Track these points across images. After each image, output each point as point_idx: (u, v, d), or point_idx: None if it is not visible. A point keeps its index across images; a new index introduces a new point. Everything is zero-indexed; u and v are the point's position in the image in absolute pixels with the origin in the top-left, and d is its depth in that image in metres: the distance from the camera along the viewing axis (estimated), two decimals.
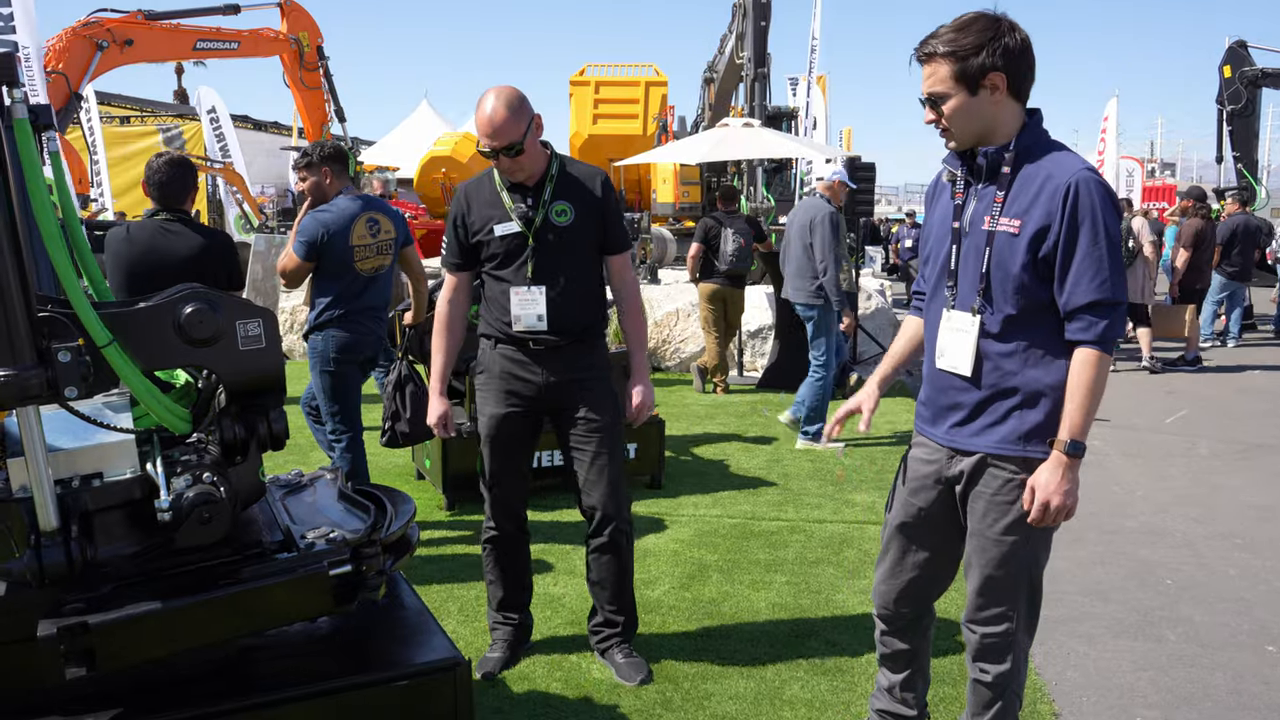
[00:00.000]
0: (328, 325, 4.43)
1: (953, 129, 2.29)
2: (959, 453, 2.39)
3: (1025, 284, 2.23)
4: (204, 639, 2.15)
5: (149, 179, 4.21)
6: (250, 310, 2.21)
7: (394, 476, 5.81)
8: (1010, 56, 2.20)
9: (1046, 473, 2.24)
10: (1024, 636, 2.44)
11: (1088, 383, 2.22)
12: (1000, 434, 2.31)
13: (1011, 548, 2.33)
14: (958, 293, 2.35)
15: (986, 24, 2.21)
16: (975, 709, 2.50)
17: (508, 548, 3.40)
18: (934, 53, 2.24)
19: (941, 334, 2.38)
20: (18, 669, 2.08)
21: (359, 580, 2.32)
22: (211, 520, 2.10)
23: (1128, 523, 5.10)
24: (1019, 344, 2.28)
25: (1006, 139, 2.27)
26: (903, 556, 2.58)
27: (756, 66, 12.33)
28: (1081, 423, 2.23)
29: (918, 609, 2.63)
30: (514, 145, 3.04)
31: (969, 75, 2.21)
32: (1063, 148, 2.28)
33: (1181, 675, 3.41)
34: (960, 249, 2.34)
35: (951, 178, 2.40)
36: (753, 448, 6.68)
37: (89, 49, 11.74)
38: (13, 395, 1.89)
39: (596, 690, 3.22)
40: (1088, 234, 2.17)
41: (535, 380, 3.19)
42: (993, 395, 2.31)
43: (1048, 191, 2.20)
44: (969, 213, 2.33)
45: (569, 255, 3.16)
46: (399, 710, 2.37)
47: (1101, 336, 2.21)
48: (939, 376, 2.41)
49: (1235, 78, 17.06)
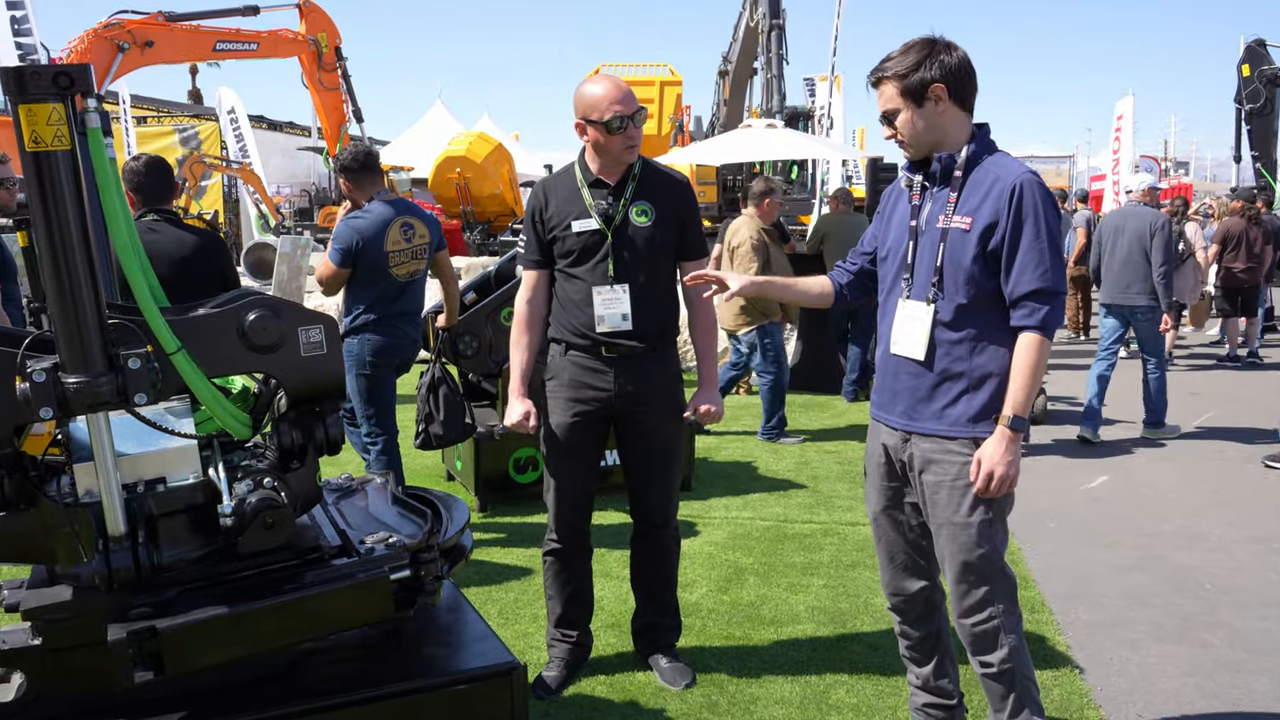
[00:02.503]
0: (363, 329, 4.44)
1: (907, 140, 2.53)
2: (913, 434, 2.57)
3: (975, 275, 2.45)
4: (268, 644, 2.16)
5: (129, 182, 4.10)
6: (312, 316, 2.22)
7: (424, 478, 5.82)
8: (946, 69, 2.45)
9: (991, 445, 2.44)
10: (1010, 619, 2.53)
11: (1030, 364, 2.43)
12: (952, 416, 2.51)
13: (979, 528, 2.48)
14: (913, 284, 2.56)
15: (924, 45, 2.49)
16: (995, 705, 2.59)
17: (568, 562, 3.29)
18: (882, 76, 2.51)
19: (897, 323, 2.59)
20: (83, 672, 2.09)
21: (418, 585, 2.33)
22: (274, 525, 2.11)
23: (1163, 526, 5.08)
24: (968, 332, 2.49)
25: (957, 146, 2.52)
26: (893, 540, 2.74)
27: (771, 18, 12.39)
28: (1024, 400, 2.43)
29: (925, 588, 2.74)
30: (643, 109, 3.07)
31: (913, 90, 2.47)
32: (1007, 155, 2.54)
33: (1226, 681, 3.39)
34: (917, 245, 2.57)
35: (909, 184, 2.63)
36: (780, 449, 6.68)
37: (110, 50, 11.82)
38: (84, 402, 1.90)
39: (642, 694, 3.22)
40: (1031, 229, 2.40)
41: (606, 390, 3.11)
42: (943, 379, 2.52)
43: (995, 192, 2.44)
44: (925, 213, 2.56)
45: (647, 256, 3.10)
46: (455, 715, 2.37)
47: (1043, 322, 2.42)
48: (893, 362, 2.62)
49: (1254, 76, 16.93)
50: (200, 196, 18.73)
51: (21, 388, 1.87)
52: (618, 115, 2.99)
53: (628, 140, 3.04)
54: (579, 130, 3.08)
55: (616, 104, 2.99)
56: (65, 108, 1.81)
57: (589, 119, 3.02)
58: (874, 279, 2.80)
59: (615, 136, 3.01)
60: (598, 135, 3.03)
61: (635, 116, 3.03)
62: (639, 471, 3.24)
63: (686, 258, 3.22)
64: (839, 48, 12.71)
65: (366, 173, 4.60)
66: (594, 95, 3.01)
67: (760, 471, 6.09)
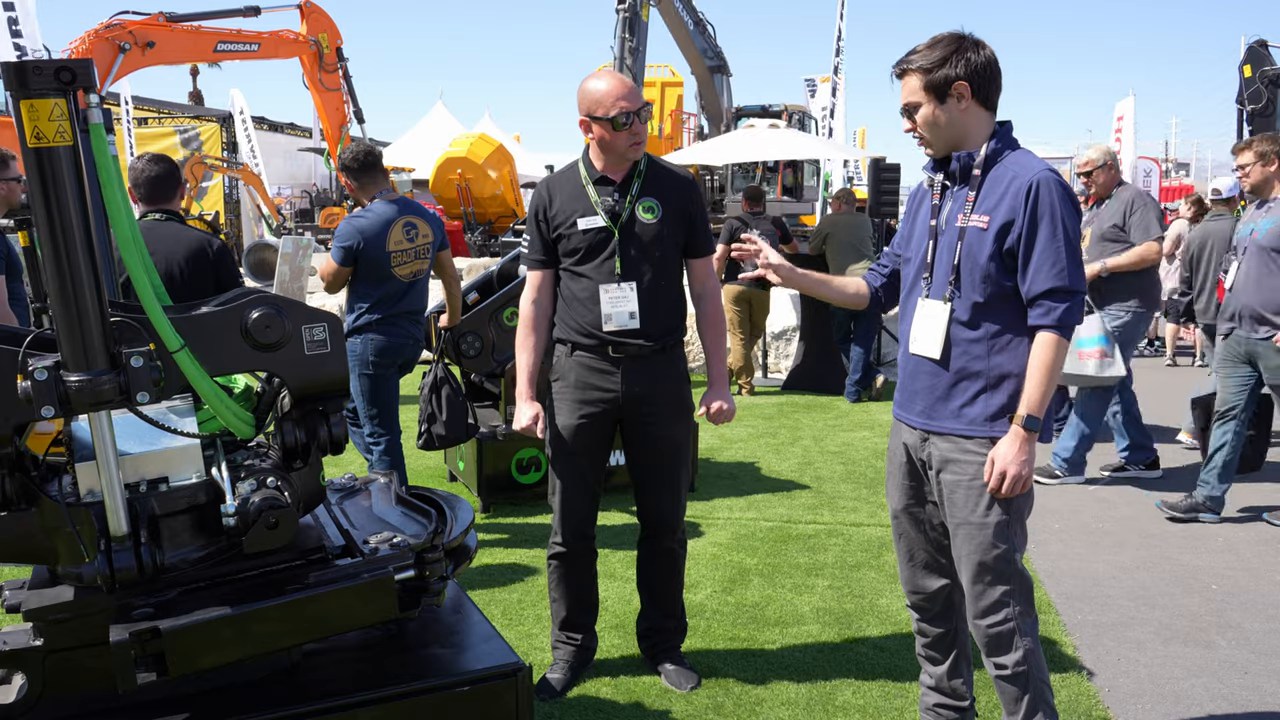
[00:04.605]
0: (366, 329, 4.42)
1: (928, 136, 2.52)
2: (931, 434, 2.55)
3: (991, 274, 2.44)
4: (273, 644, 2.14)
5: (135, 180, 4.07)
6: (315, 315, 2.20)
7: (426, 478, 5.81)
8: (971, 67, 2.43)
9: (1005, 445, 2.42)
10: (1026, 621, 2.51)
11: (1046, 364, 2.40)
12: (969, 416, 2.49)
13: (996, 528, 2.46)
14: (932, 283, 2.55)
15: (952, 40, 2.46)
16: (1009, 707, 2.57)
17: (573, 565, 3.26)
18: (907, 68, 2.49)
19: (916, 322, 2.59)
20: (85, 674, 2.07)
21: (423, 586, 2.31)
22: (278, 525, 2.09)
23: (1169, 526, 5.04)
24: (985, 331, 2.47)
25: (977, 145, 2.49)
26: (913, 538, 2.72)
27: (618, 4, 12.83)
28: (1039, 400, 2.40)
29: (945, 587, 2.72)
30: (648, 104, 3.06)
31: (936, 85, 2.45)
32: (1028, 153, 2.50)
33: (1236, 683, 3.37)
34: (936, 245, 2.56)
35: (931, 183, 2.62)
36: (783, 450, 6.66)
37: (111, 51, 11.78)
38: (86, 400, 1.88)
39: (647, 695, 3.20)
40: (1047, 228, 2.37)
41: (613, 391, 3.08)
42: (960, 378, 2.50)
43: (1013, 190, 2.41)
44: (945, 212, 2.56)
45: (654, 253, 3.06)
46: (460, 716, 2.35)
47: (1059, 321, 2.39)
48: (911, 361, 2.61)
49: (1255, 77, 16.86)
50: (201, 198, 18.74)
51: (23, 386, 1.84)
52: (623, 111, 2.96)
53: (633, 137, 3.01)
54: (584, 127, 3.05)
55: (622, 100, 2.97)
56: (67, 103, 1.79)
57: (594, 115, 2.99)
58: None
59: (621, 133, 2.99)
60: (603, 132, 3.00)
61: (641, 113, 3.00)
62: (648, 476, 3.21)
63: (693, 255, 3.20)
64: (843, 46, 12.68)
65: (369, 172, 4.58)
66: (599, 91, 2.98)
67: (763, 472, 6.07)
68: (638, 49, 13.09)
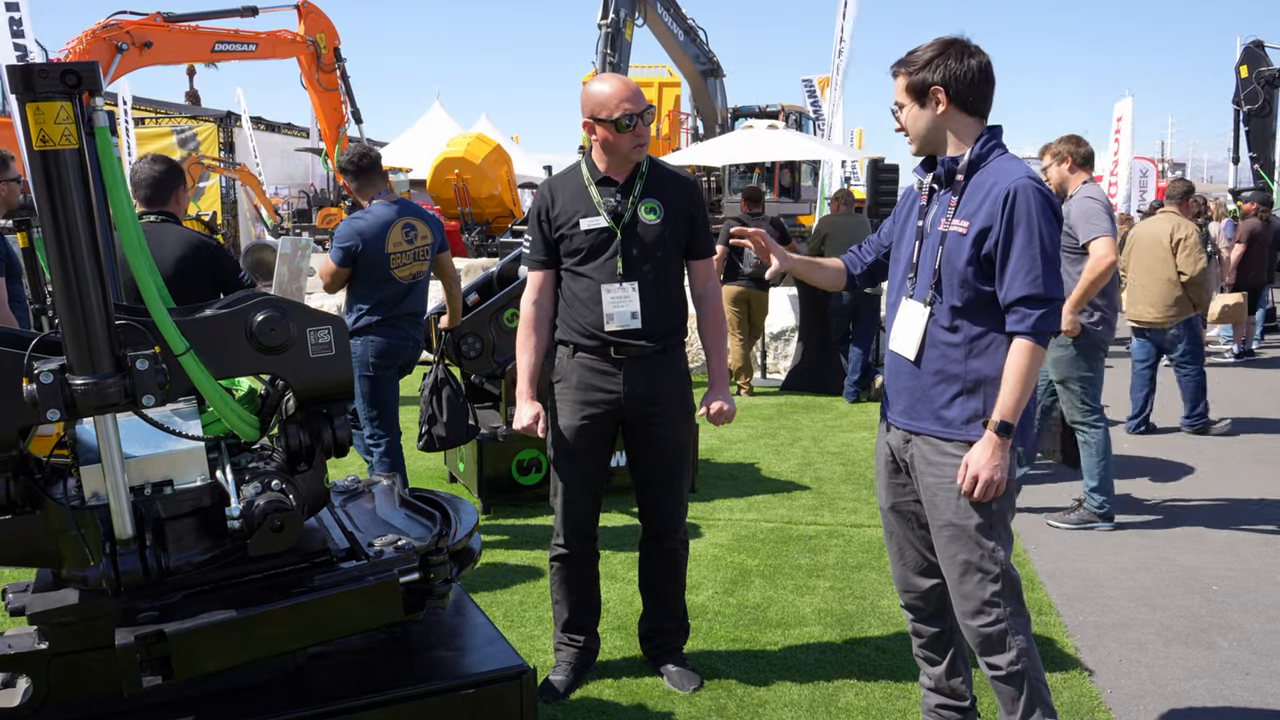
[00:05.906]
0: (366, 331, 4.42)
1: (910, 135, 2.58)
2: (913, 435, 2.59)
3: (969, 279, 2.46)
4: (277, 647, 2.13)
5: (136, 181, 4.05)
6: (320, 318, 2.20)
7: (427, 480, 5.80)
8: (950, 74, 2.47)
9: (979, 449, 2.44)
10: (1018, 620, 2.52)
11: (1020, 370, 2.41)
12: (947, 418, 2.52)
13: (979, 529, 2.48)
14: (916, 285, 2.59)
15: (939, 45, 2.50)
16: (1006, 708, 2.58)
17: (575, 567, 3.26)
18: (896, 69, 2.56)
19: (898, 321, 2.63)
20: (90, 677, 2.07)
21: (428, 589, 2.31)
22: (283, 528, 2.08)
23: (1169, 527, 5.06)
24: (963, 335, 2.50)
25: (960, 150, 2.52)
26: (902, 537, 2.75)
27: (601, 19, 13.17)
28: (1013, 406, 2.42)
29: (937, 585, 2.72)
30: (651, 106, 3.07)
31: (916, 88, 2.51)
32: (1013, 158, 2.52)
33: (1237, 684, 3.38)
34: (921, 247, 2.59)
35: (920, 185, 2.65)
36: (783, 450, 6.66)
37: (109, 51, 11.77)
38: (92, 403, 1.88)
39: (649, 697, 3.20)
40: (1023, 235, 2.39)
41: (615, 392, 3.08)
42: (938, 380, 2.53)
43: (992, 196, 2.44)
44: (930, 215, 2.59)
45: (656, 254, 3.07)
46: (465, 719, 2.35)
47: (1034, 328, 2.40)
48: (892, 360, 2.66)
49: (1252, 78, 16.96)
50: (198, 198, 18.71)
51: (29, 389, 1.84)
52: (627, 113, 2.97)
53: (636, 138, 3.02)
54: (587, 129, 3.05)
55: (626, 102, 2.98)
56: (73, 106, 1.79)
57: (597, 117, 3.00)
58: (884, 271, 2.85)
59: (624, 134, 2.99)
60: (606, 133, 3.01)
61: (644, 114, 3.01)
62: (650, 478, 3.21)
63: (694, 256, 3.21)
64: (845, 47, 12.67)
65: (367, 174, 4.58)
66: (603, 93, 2.99)
67: (764, 473, 6.08)
68: (619, 65, 13.18)
